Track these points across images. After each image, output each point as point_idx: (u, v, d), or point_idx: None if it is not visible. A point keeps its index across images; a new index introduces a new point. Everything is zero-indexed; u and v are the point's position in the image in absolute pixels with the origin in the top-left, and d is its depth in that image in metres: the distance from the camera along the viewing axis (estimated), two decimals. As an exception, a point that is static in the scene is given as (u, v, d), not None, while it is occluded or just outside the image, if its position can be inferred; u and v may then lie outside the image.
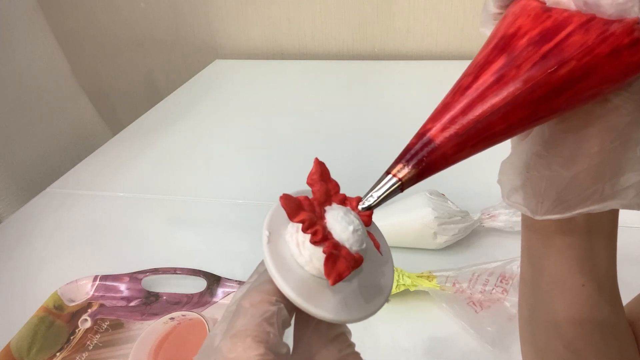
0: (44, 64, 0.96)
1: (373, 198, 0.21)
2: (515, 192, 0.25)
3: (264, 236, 0.23)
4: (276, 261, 0.22)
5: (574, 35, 0.19)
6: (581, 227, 0.27)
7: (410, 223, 0.55)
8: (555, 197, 0.23)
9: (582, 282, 0.27)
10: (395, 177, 0.21)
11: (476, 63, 0.22)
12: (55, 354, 0.49)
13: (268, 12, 1.24)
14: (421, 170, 0.21)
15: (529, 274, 0.30)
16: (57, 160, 0.93)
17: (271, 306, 0.21)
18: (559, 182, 0.23)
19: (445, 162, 0.21)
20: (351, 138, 0.87)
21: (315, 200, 0.23)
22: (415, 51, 1.20)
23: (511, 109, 0.20)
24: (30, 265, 0.62)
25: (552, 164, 0.23)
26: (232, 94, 1.11)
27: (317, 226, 0.21)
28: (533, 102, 0.20)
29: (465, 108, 0.21)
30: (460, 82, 0.22)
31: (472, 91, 0.21)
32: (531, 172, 0.24)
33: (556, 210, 0.24)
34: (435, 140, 0.20)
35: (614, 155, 0.22)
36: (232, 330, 0.21)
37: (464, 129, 0.20)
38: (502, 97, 0.20)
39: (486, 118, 0.20)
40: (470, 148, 0.21)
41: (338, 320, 0.22)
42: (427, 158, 0.20)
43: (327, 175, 0.24)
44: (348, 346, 0.23)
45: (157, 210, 0.71)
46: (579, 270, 0.27)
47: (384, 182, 0.21)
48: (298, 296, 0.21)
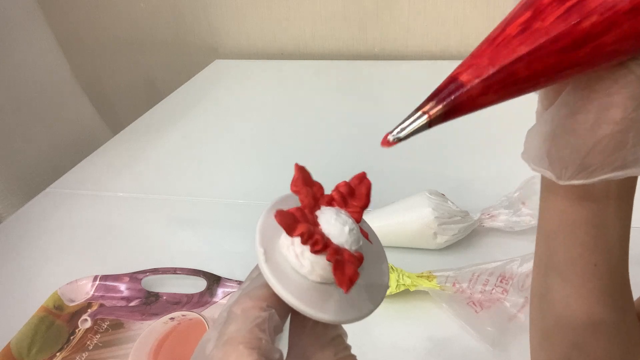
0: (44, 64, 0.96)
1: (404, 131, 0.22)
2: (541, 158, 0.26)
3: (260, 254, 0.22)
4: (277, 276, 0.22)
5: None
6: (600, 198, 0.27)
7: (410, 223, 0.55)
8: (579, 162, 0.24)
9: (594, 261, 0.28)
10: (425, 113, 0.22)
11: (504, 20, 0.23)
12: (55, 354, 0.49)
13: (268, 12, 1.24)
14: (449, 110, 0.22)
15: (544, 255, 0.31)
16: (57, 160, 0.93)
17: (262, 312, 0.21)
18: (583, 148, 0.24)
19: (472, 103, 0.22)
20: (351, 138, 0.87)
21: (305, 207, 0.23)
22: (415, 51, 1.20)
23: (535, 57, 0.21)
24: (30, 265, 0.62)
25: (577, 130, 0.24)
26: (232, 94, 1.11)
27: (316, 235, 0.21)
28: (556, 52, 0.21)
29: (492, 56, 0.22)
30: (489, 35, 0.23)
31: (498, 40, 0.22)
32: (556, 138, 0.25)
33: (580, 175, 0.24)
34: (464, 82, 0.22)
35: (637, 123, 0.23)
36: (224, 337, 0.20)
37: (489, 71, 0.22)
38: (526, 45, 0.22)
39: (511, 64, 0.22)
40: (495, 92, 0.22)
41: (344, 320, 0.22)
42: (456, 98, 0.22)
43: (309, 179, 0.24)
44: (344, 349, 0.23)
45: (157, 210, 0.71)
46: (593, 248, 0.28)
47: (414, 117, 0.22)
48: (305, 305, 0.21)
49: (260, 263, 0.22)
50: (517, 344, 0.45)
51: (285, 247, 0.23)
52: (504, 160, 0.57)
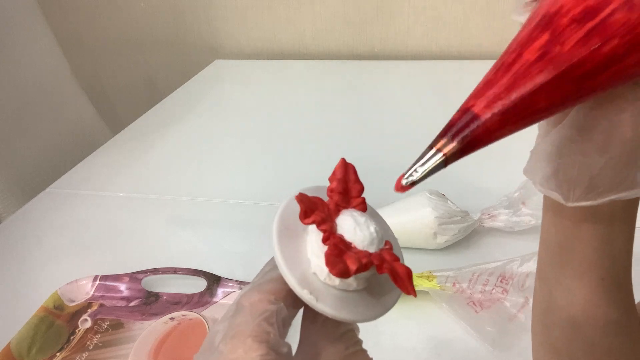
0: (44, 64, 0.96)
1: (418, 173, 0.21)
2: (547, 179, 0.25)
3: (276, 246, 0.22)
4: (292, 269, 0.22)
5: (617, 13, 0.20)
6: (605, 217, 0.27)
7: (410, 223, 0.55)
8: (587, 183, 0.24)
9: (601, 275, 0.27)
10: (440, 151, 0.20)
11: (519, 41, 0.22)
12: (55, 354, 0.49)
13: (268, 12, 1.23)
14: (465, 146, 0.20)
15: (548, 267, 0.30)
16: (57, 160, 0.93)
17: (270, 305, 0.21)
18: (592, 168, 0.23)
19: (489, 137, 0.21)
20: (351, 138, 0.87)
21: (331, 203, 0.23)
22: (415, 51, 1.20)
23: (555, 85, 0.20)
24: (30, 265, 0.62)
25: (585, 149, 0.23)
26: (232, 94, 1.11)
27: (326, 225, 0.21)
28: (576, 79, 0.20)
29: (509, 85, 0.21)
30: (503, 59, 0.22)
31: (515, 67, 0.21)
32: (564, 158, 0.24)
33: (588, 197, 0.24)
34: (480, 116, 0.20)
35: None
36: (232, 330, 0.21)
37: (508, 106, 0.20)
38: (546, 73, 0.20)
39: (530, 94, 0.20)
40: (512, 124, 0.21)
41: (358, 319, 0.22)
42: (472, 133, 0.20)
43: (346, 177, 0.24)
44: (355, 343, 0.23)
45: (157, 210, 0.71)
46: (600, 263, 0.27)
47: (427, 156, 0.21)
48: (320, 302, 0.21)
49: (277, 260, 0.22)
50: (517, 344, 0.45)
51: (304, 242, 0.23)
52: (504, 161, 0.57)
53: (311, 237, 0.23)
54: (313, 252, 0.22)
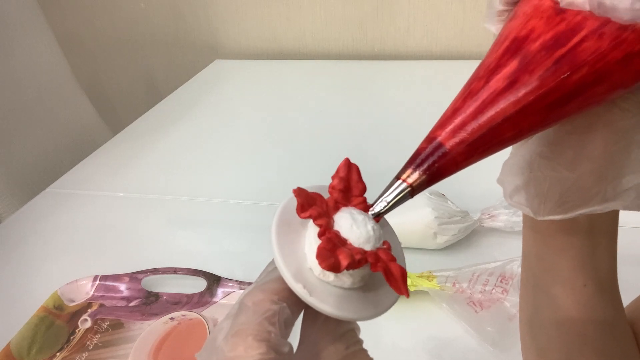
0: (44, 64, 0.96)
1: (383, 204, 0.21)
2: (517, 192, 0.25)
3: (275, 244, 0.22)
4: (291, 268, 0.22)
5: (588, 40, 0.19)
6: (583, 226, 0.27)
7: (410, 223, 0.55)
8: (557, 197, 0.23)
9: (583, 282, 0.27)
10: (405, 182, 0.20)
11: (487, 66, 0.21)
12: (55, 354, 0.49)
13: (268, 12, 1.24)
14: (431, 176, 0.20)
15: (531, 275, 0.30)
16: (57, 160, 0.93)
17: (273, 305, 0.21)
18: (562, 183, 0.23)
19: (455, 167, 0.20)
20: (351, 138, 0.87)
21: (331, 200, 0.23)
22: (415, 51, 1.20)
23: (523, 115, 0.20)
24: (30, 265, 0.62)
25: (556, 165, 0.23)
26: (232, 94, 1.11)
27: (321, 220, 0.21)
28: (544, 108, 0.20)
29: (475, 113, 0.20)
30: (471, 86, 0.21)
31: (483, 96, 0.20)
32: (534, 172, 0.24)
33: (558, 210, 0.24)
34: (446, 145, 0.20)
35: (617, 157, 0.22)
36: (234, 328, 0.21)
37: (475, 135, 0.20)
38: (514, 103, 0.20)
39: (498, 125, 0.20)
40: (480, 154, 0.20)
41: (357, 318, 0.21)
42: (437, 163, 0.20)
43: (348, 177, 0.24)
44: (355, 342, 0.23)
45: (157, 210, 0.71)
46: (581, 270, 0.27)
47: (393, 187, 0.21)
48: (318, 300, 0.21)
49: (274, 253, 0.22)
50: (517, 344, 0.45)
51: (302, 238, 0.23)
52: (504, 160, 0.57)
53: (309, 232, 0.23)
54: (310, 247, 0.22)
